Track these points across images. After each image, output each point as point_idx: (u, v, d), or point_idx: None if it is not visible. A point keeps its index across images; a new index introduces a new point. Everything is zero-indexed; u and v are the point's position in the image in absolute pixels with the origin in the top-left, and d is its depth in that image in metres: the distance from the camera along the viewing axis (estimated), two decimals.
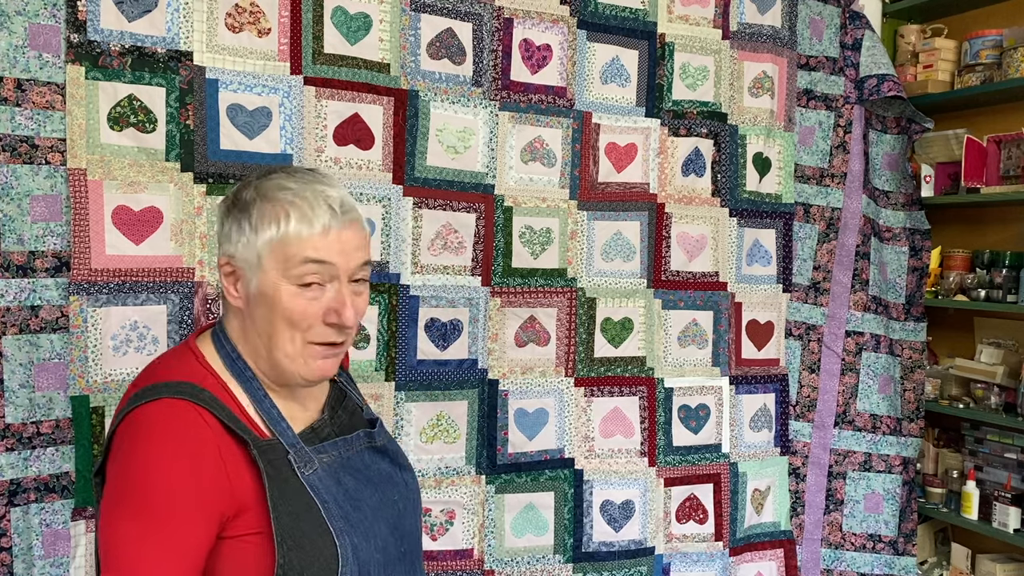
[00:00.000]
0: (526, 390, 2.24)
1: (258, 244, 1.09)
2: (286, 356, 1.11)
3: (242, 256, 1.11)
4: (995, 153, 2.57)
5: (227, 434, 1.07)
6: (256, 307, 1.11)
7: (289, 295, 1.09)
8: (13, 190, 1.68)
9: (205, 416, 1.05)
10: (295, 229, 1.08)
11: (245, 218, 1.11)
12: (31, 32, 1.68)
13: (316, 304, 1.10)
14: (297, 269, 1.08)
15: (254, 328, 1.13)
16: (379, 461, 1.23)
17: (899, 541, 2.65)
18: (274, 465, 1.08)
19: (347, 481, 1.15)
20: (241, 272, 1.12)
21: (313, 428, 1.18)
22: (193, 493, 1.02)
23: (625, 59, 2.32)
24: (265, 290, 1.09)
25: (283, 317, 1.10)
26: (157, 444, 1.03)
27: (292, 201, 1.09)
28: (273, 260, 1.09)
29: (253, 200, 1.11)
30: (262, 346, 1.12)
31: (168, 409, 1.05)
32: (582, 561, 2.29)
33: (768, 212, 2.53)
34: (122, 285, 1.78)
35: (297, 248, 1.08)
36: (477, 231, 2.17)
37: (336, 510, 1.10)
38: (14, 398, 1.69)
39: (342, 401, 1.27)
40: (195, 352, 1.15)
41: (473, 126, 2.15)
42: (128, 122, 1.78)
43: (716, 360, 2.47)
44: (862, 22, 2.63)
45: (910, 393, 2.69)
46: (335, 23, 1.98)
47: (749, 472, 2.50)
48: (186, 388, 1.08)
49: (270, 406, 1.13)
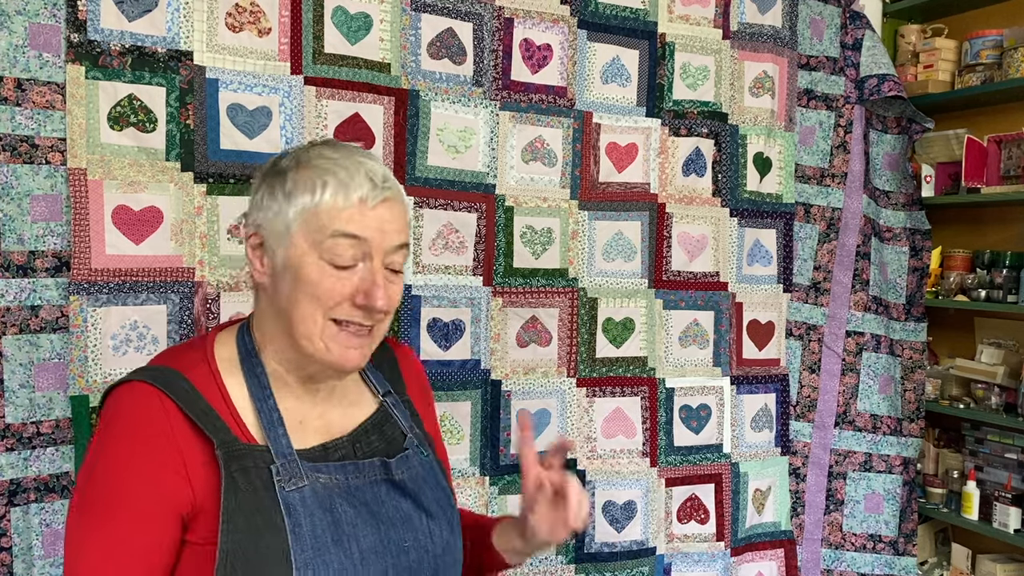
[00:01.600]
0: (528, 391, 2.24)
1: (289, 213, 1.01)
2: (306, 336, 1.02)
3: (271, 226, 1.03)
4: (995, 153, 2.57)
5: (190, 429, 0.97)
6: (280, 282, 1.03)
7: (317, 270, 1.00)
8: (13, 190, 1.67)
9: (168, 407, 0.97)
10: (330, 198, 1.00)
11: (279, 185, 1.03)
12: (31, 32, 1.68)
13: (344, 283, 1.01)
14: (328, 242, 1.00)
15: (276, 308, 1.04)
16: (398, 499, 1.08)
17: (899, 541, 2.65)
18: (245, 473, 0.97)
19: (342, 511, 1.01)
20: (269, 243, 1.03)
21: (325, 447, 1.06)
22: (147, 487, 0.95)
23: (625, 59, 2.32)
24: (291, 263, 1.01)
25: (307, 292, 1.00)
26: (114, 434, 0.97)
27: (330, 169, 1.01)
28: (304, 231, 1.00)
29: (290, 167, 1.04)
30: (283, 328, 1.03)
31: (130, 394, 0.98)
32: (584, 562, 2.29)
33: (769, 212, 2.53)
34: (122, 285, 1.77)
35: (330, 219, 1.00)
36: (478, 231, 2.17)
37: (309, 539, 0.97)
38: (14, 398, 1.69)
39: (382, 427, 1.13)
40: (207, 341, 1.08)
41: (474, 126, 2.15)
42: (128, 122, 1.77)
43: (717, 360, 2.47)
44: (862, 22, 2.63)
45: (910, 393, 2.69)
46: (335, 23, 1.98)
47: (750, 472, 2.50)
48: (160, 373, 1.00)
49: (271, 408, 1.03)
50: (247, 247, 1.07)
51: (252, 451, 0.99)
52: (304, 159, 1.04)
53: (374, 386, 1.17)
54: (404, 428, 1.15)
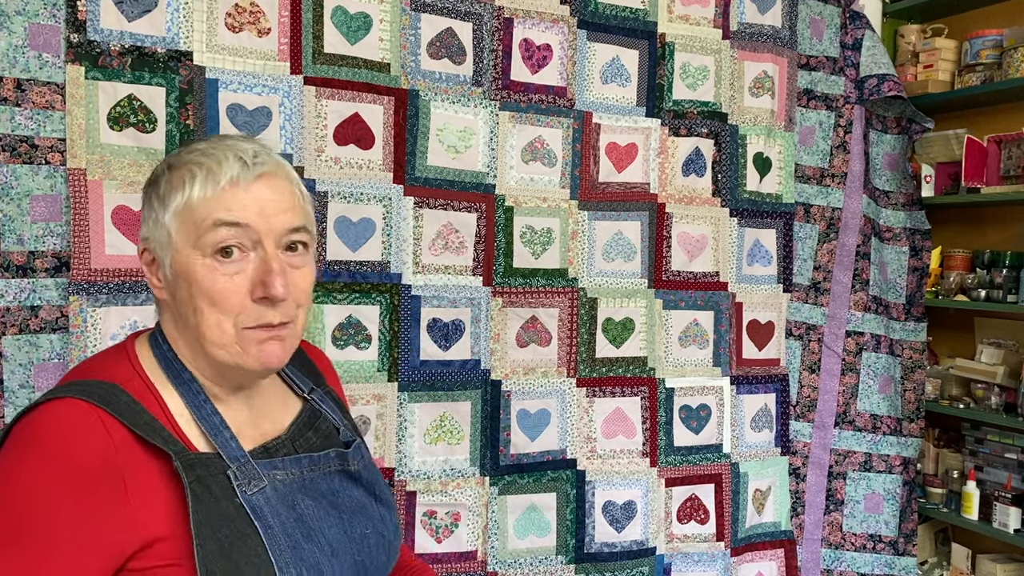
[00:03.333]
0: (528, 391, 2.24)
1: (166, 217, 0.94)
2: (217, 345, 0.94)
3: (155, 236, 0.96)
4: (995, 153, 2.57)
5: (140, 448, 0.89)
6: (176, 292, 0.96)
7: (204, 269, 0.93)
8: (13, 190, 1.67)
9: (109, 425, 0.88)
10: (199, 189, 0.93)
11: (155, 192, 0.96)
12: (31, 32, 1.68)
13: (239, 279, 0.93)
14: (207, 236, 0.92)
15: (182, 320, 0.97)
16: (351, 488, 1.06)
17: (899, 541, 2.65)
18: (203, 483, 0.90)
19: (304, 505, 0.98)
20: (158, 255, 0.97)
21: (266, 447, 1.01)
22: (75, 521, 0.84)
23: (625, 59, 2.32)
24: (179, 269, 0.94)
25: (204, 297, 0.93)
26: (41, 457, 0.85)
27: (199, 161, 0.94)
28: (183, 232, 0.93)
29: (162, 172, 0.97)
30: (192, 338, 0.96)
31: (64, 413, 0.87)
32: (584, 562, 2.28)
33: (768, 212, 2.53)
34: (122, 285, 1.77)
35: (204, 211, 0.92)
36: (478, 231, 2.16)
37: (283, 539, 0.93)
38: (14, 398, 1.69)
39: (314, 422, 1.09)
40: (128, 352, 0.99)
41: (473, 126, 2.15)
42: (128, 122, 1.77)
43: (717, 360, 2.46)
44: (862, 22, 2.63)
45: (910, 393, 2.69)
46: (335, 23, 1.98)
47: (750, 472, 2.50)
48: (96, 389, 0.90)
49: (211, 413, 0.96)
50: (142, 266, 1.00)
51: (203, 459, 0.92)
52: (175, 160, 0.98)
53: (297, 386, 1.13)
54: (335, 422, 1.12)
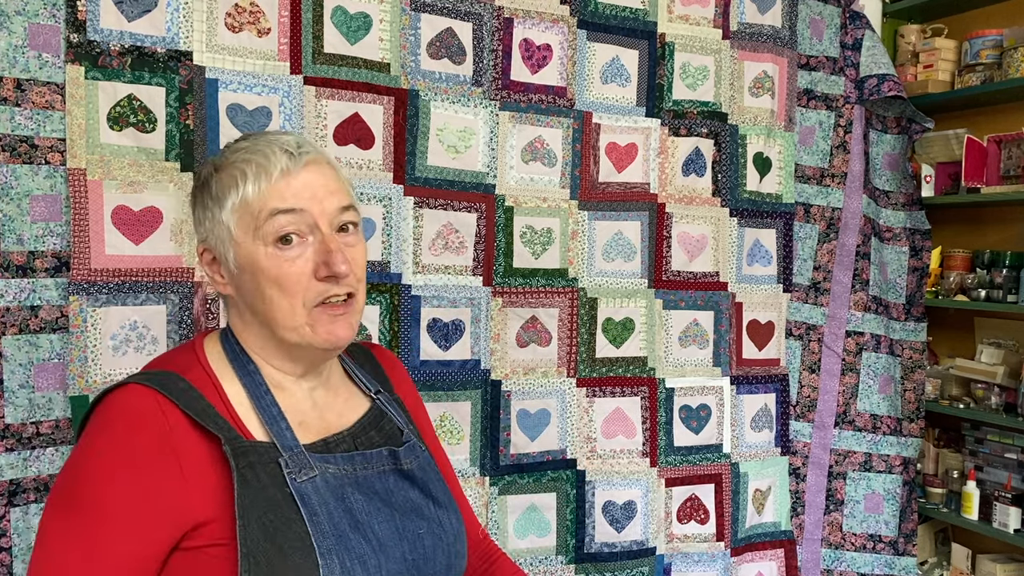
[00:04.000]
0: (528, 391, 2.23)
1: (223, 215, 1.01)
2: (289, 328, 1.01)
3: (214, 235, 1.03)
4: (995, 153, 2.57)
5: (194, 431, 0.95)
6: (242, 284, 1.03)
7: (268, 259, 1.00)
8: (13, 190, 1.67)
9: (166, 408, 0.95)
10: (252, 185, 1.00)
11: (207, 193, 1.04)
12: (31, 32, 1.68)
13: (301, 263, 1.00)
14: (267, 226, 0.99)
15: (249, 310, 1.04)
16: (407, 489, 1.08)
17: (899, 541, 2.65)
18: (253, 468, 0.96)
19: (355, 500, 1.01)
20: (219, 253, 1.04)
21: (326, 441, 1.05)
22: (136, 498, 0.91)
23: (625, 59, 2.32)
24: (243, 262, 1.01)
25: (272, 284, 1.00)
26: (104, 438, 0.94)
27: (246, 159, 1.01)
28: (242, 226, 1.00)
29: (210, 174, 1.05)
30: (261, 326, 1.04)
31: (126, 398, 0.96)
32: (584, 562, 2.28)
33: (768, 212, 2.53)
34: (122, 285, 1.77)
35: (261, 203, 0.99)
36: (478, 231, 2.17)
37: (328, 527, 0.96)
38: (14, 398, 1.69)
39: (378, 423, 1.13)
40: (195, 347, 1.07)
41: (473, 126, 2.15)
42: (128, 122, 1.77)
43: (717, 360, 2.46)
44: (862, 22, 2.63)
45: (910, 393, 2.69)
46: (335, 23, 1.97)
47: (750, 472, 2.50)
48: (155, 376, 0.98)
49: (270, 404, 1.02)
50: (203, 267, 1.07)
51: (256, 447, 0.98)
52: (220, 162, 1.05)
53: (364, 385, 1.17)
54: (400, 424, 1.15)
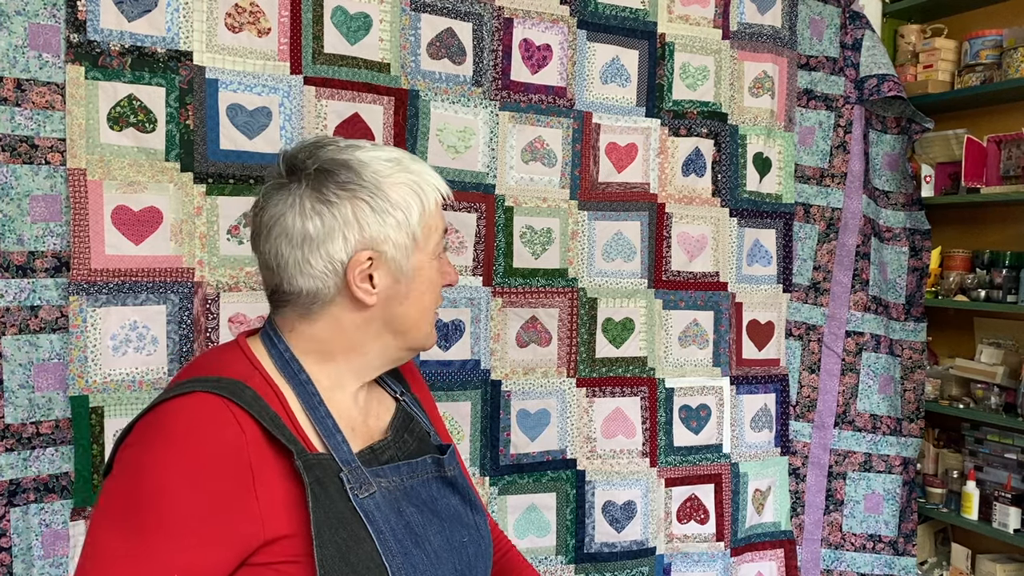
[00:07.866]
0: (528, 391, 2.24)
1: (412, 221, 1.01)
2: (428, 334, 1.08)
3: (394, 239, 0.99)
4: (995, 153, 2.57)
5: (266, 443, 0.91)
6: (397, 293, 1.02)
7: (432, 268, 1.06)
8: (13, 190, 1.67)
9: (241, 419, 0.90)
10: (432, 200, 1.05)
11: (379, 198, 0.98)
12: (31, 32, 1.68)
13: (442, 274, 1.09)
14: (436, 241, 1.06)
15: (386, 319, 1.03)
16: (448, 495, 1.07)
17: (899, 541, 2.65)
18: (321, 484, 0.92)
19: (410, 513, 1.00)
20: (392, 257, 1.00)
21: (373, 448, 1.03)
22: (205, 512, 0.87)
23: (625, 59, 2.32)
24: (414, 269, 1.03)
25: (431, 292, 1.06)
26: (175, 448, 0.88)
27: (417, 170, 1.04)
28: (425, 235, 1.04)
29: (382, 177, 0.99)
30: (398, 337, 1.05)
31: (199, 407, 0.90)
32: (584, 562, 2.29)
33: (768, 212, 2.53)
34: (122, 285, 1.77)
35: (435, 220, 1.05)
36: (478, 231, 2.17)
37: (395, 545, 0.94)
38: (14, 398, 1.69)
39: (408, 424, 1.12)
40: (244, 348, 1.01)
41: (473, 126, 2.15)
42: (128, 122, 1.77)
43: (717, 360, 2.47)
44: (862, 22, 2.63)
45: (910, 393, 2.69)
46: (335, 23, 1.98)
47: (750, 472, 2.50)
48: (227, 384, 0.93)
49: (325, 415, 0.98)
50: (352, 272, 0.98)
51: (320, 461, 0.94)
52: (384, 168, 1.00)
53: (390, 387, 1.16)
54: (426, 425, 1.15)
